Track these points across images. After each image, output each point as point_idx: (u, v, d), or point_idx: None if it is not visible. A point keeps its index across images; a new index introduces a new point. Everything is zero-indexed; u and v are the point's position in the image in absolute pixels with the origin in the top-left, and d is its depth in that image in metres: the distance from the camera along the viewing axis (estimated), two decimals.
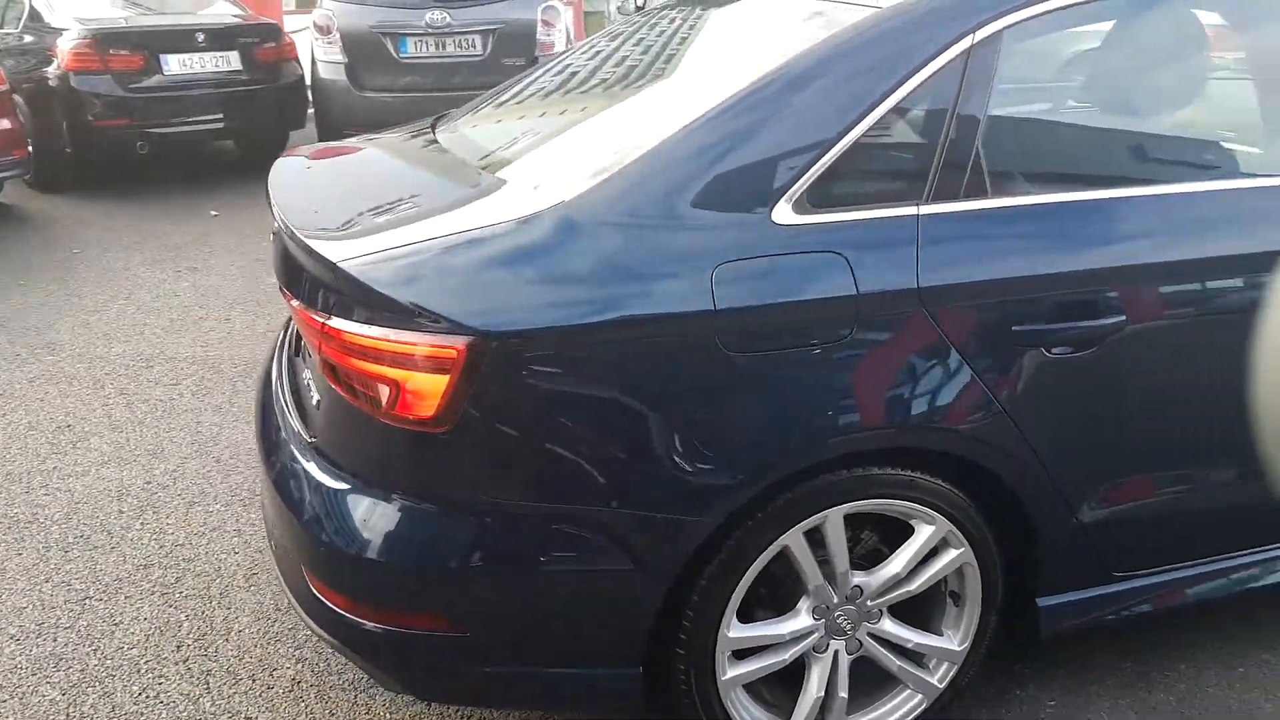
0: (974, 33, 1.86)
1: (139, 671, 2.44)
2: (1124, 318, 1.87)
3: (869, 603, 1.95)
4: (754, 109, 1.82)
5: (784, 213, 1.76)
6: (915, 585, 1.95)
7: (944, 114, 1.85)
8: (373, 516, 1.78)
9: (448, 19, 6.99)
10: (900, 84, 1.83)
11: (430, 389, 1.67)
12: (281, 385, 2.23)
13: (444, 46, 7.09)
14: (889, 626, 1.99)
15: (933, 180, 1.83)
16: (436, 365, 1.65)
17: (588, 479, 1.73)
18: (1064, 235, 1.87)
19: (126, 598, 2.72)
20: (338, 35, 7.05)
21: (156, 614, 2.65)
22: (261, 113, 7.57)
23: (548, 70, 2.74)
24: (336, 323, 1.75)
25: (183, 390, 4.02)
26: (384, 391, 1.70)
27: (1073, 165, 2.01)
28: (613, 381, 1.70)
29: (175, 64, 7.08)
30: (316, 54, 7.18)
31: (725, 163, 1.79)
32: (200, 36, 7.10)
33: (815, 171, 1.78)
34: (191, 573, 2.82)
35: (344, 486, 1.82)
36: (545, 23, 7.14)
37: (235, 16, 7.64)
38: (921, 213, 1.81)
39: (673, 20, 2.57)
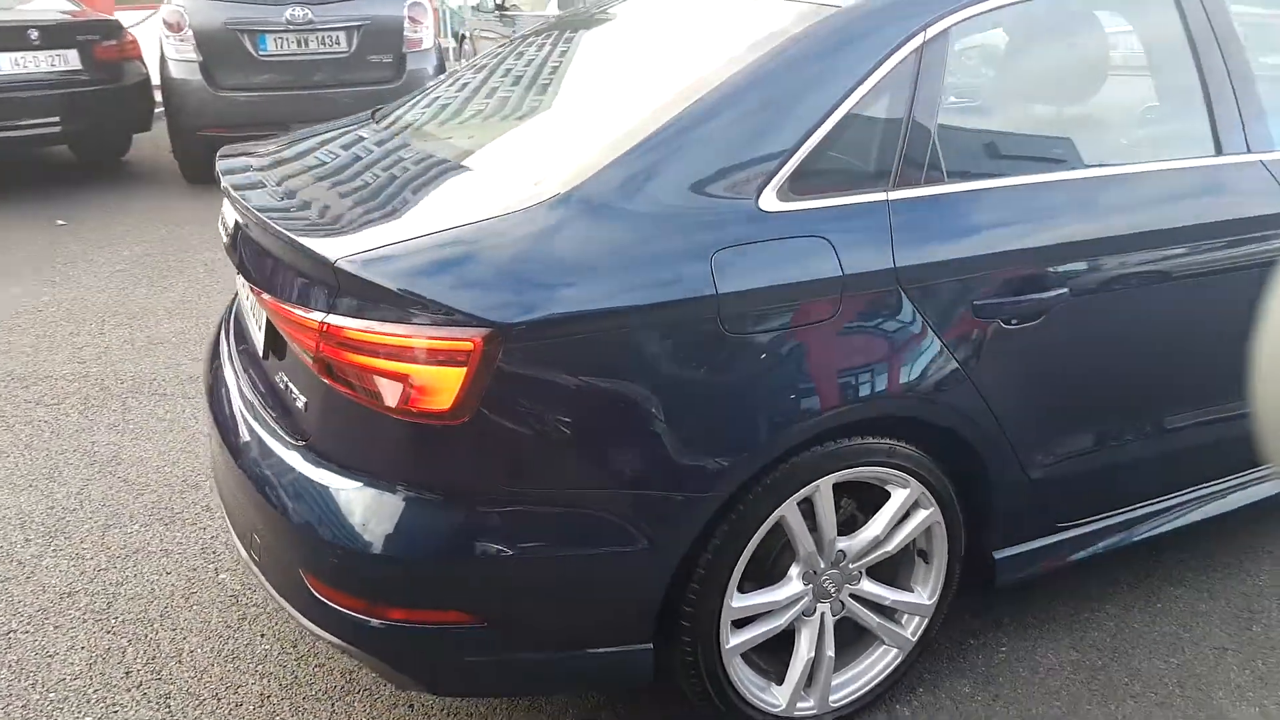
0: (924, 30, 2.01)
1: (89, 701, 2.30)
2: (1065, 290, 2.05)
3: (850, 566, 2.07)
4: (734, 102, 1.90)
5: (770, 200, 1.85)
6: (892, 546, 2.08)
7: (903, 106, 1.98)
8: (384, 513, 1.76)
9: (309, 15, 6.77)
10: (864, 79, 1.94)
11: (446, 382, 1.67)
12: (242, 392, 2.16)
13: (306, 44, 6.86)
14: (868, 586, 2.11)
15: (897, 168, 1.96)
16: (452, 358, 1.66)
17: (603, 463, 1.77)
18: (1010, 216, 2.04)
19: (55, 628, 2.56)
20: (190, 32, 6.72)
21: (94, 641, 2.51)
22: (103, 115, 7.14)
23: (493, 62, 2.74)
24: (337, 320, 1.72)
25: (67, 409, 3.78)
26: (395, 387, 1.69)
27: (1013, 152, 2.19)
28: (624, 367, 1.74)
29: (6, 63, 6.58)
30: (167, 52, 6.82)
31: (713, 153, 1.86)
32: (34, 34, 6.63)
33: (795, 161, 1.88)
34: (122, 596, 2.68)
35: (349, 485, 1.79)
36: (412, 19, 7.02)
37: (65, 12, 7.16)
38: (890, 198, 1.94)
39: (610, 13, 2.63)
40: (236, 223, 2.13)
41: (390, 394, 1.69)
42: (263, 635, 2.52)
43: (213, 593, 2.69)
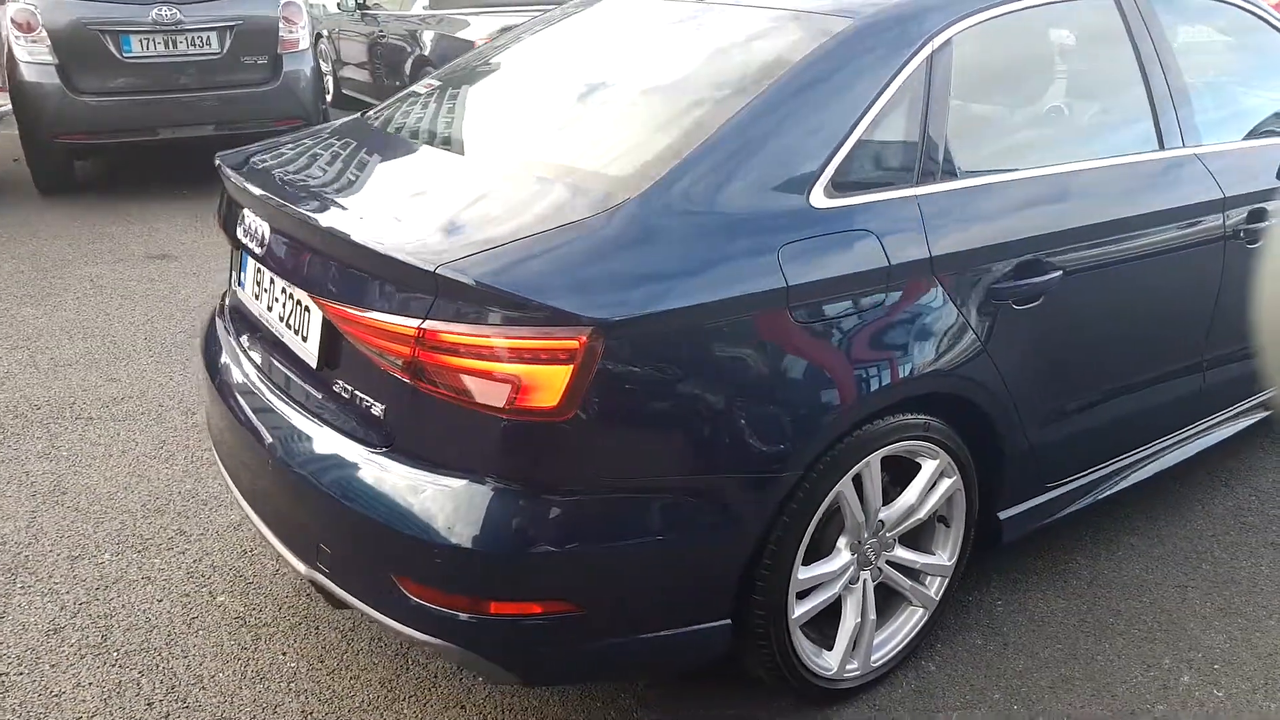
0: (933, 39, 2.19)
1: None
2: (1059, 273, 2.28)
3: (887, 534, 2.23)
4: (777, 109, 2.02)
5: (819, 198, 1.99)
6: (924, 513, 2.25)
7: (920, 108, 2.15)
8: (487, 510, 1.78)
9: (178, 15, 6.45)
10: (887, 85, 2.11)
11: (552, 380, 1.71)
12: (285, 408, 2.11)
13: (175, 45, 6.53)
14: (901, 553, 2.28)
15: (919, 165, 2.13)
16: (558, 357, 1.70)
17: (693, 451, 1.86)
18: (1013, 207, 2.25)
19: (52, 666, 2.42)
20: (44, 32, 6.28)
21: (101, 676, 2.39)
22: None
23: (493, 61, 2.77)
24: (435, 326, 1.74)
25: None
26: (502, 387, 1.72)
27: (1008, 148, 2.40)
28: (708, 358, 1.83)
29: None
30: (18, 54, 6.34)
31: (766, 156, 1.97)
32: None
33: (836, 161, 2.02)
34: (117, 628, 2.55)
35: (450, 485, 1.80)
36: (287, 20, 6.80)
37: None
38: (917, 194, 2.11)
39: (610, 13, 2.71)
40: (275, 232, 2.09)
41: (497, 394, 1.72)
42: (284, 653, 2.46)
43: (214, 616, 2.60)
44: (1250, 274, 2.77)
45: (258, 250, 2.16)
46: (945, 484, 2.26)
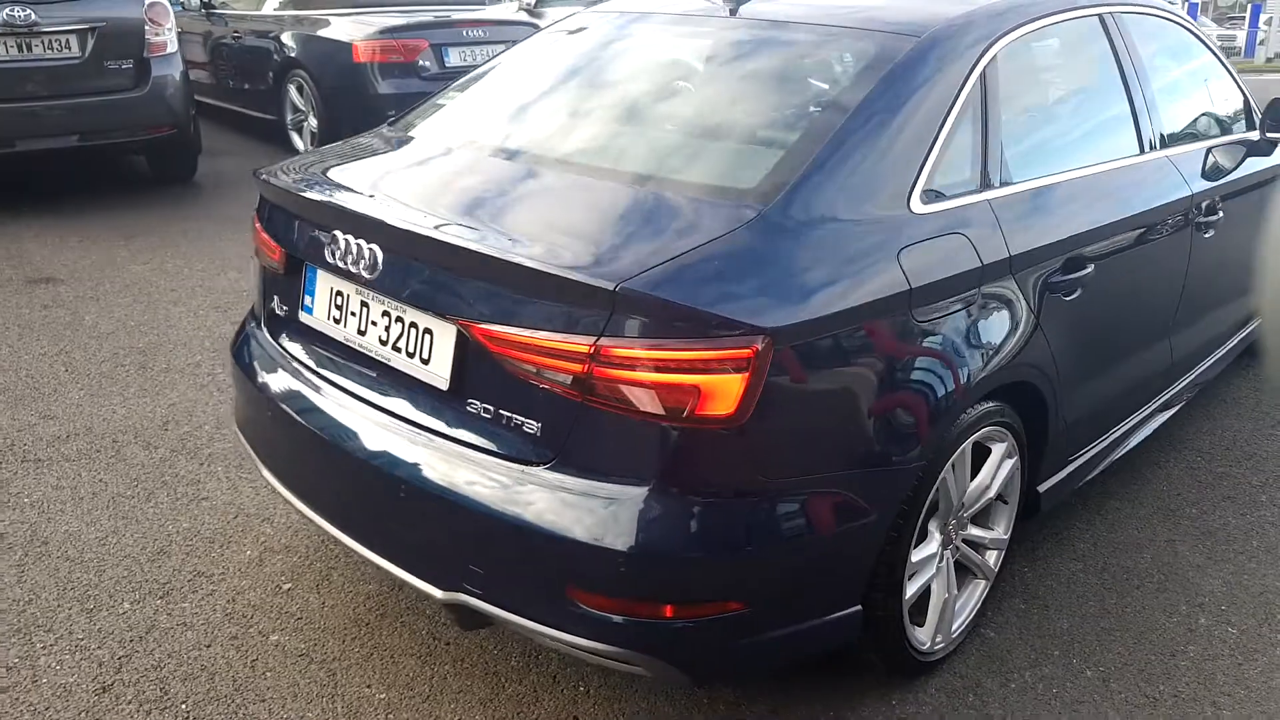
0: (985, 53, 2.38)
1: None
2: (1092, 268, 2.53)
3: (964, 514, 2.41)
4: (871, 121, 2.15)
5: (917, 204, 2.13)
6: (993, 493, 2.44)
7: (980, 118, 2.34)
8: (666, 517, 1.82)
9: (32, 16, 5.92)
10: (955, 98, 2.28)
11: (729, 388, 1.78)
12: (409, 433, 2.06)
13: (30, 49, 5.99)
14: (973, 531, 2.46)
15: (985, 171, 2.32)
16: (734, 366, 1.77)
17: (846, 447, 1.96)
18: (1059, 208, 2.48)
19: None
20: None
21: None
22: None
23: (542, 65, 2.81)
24: (611, 342, 1.77)
25: None
26: (680, 398, 1.76)
27: (1046, 153, 2.62)
28: (856, 358, 1.95)
29: None
30: None
31: (872, 166, 2.10)
32: None
33: (926, 170, 2.17)
34: (173, 679, 2.40)
35: (626, 495, 1.83)
36: (153, 21, 6.37)
37: None
38: (989, 199, 2.29)
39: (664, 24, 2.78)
40: (390, 253, 2.04)
41: (675, 405, 1.77)
42: (369, 686, 2.39)
43: (275, 656, 2.49)
44: (1206, 257, 3.14)
45: (360, 273, 2.09)
46: (1009, 464, 2.46)
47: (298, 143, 7.91)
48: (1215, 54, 3.47)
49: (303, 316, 2.35)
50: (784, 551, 1.93)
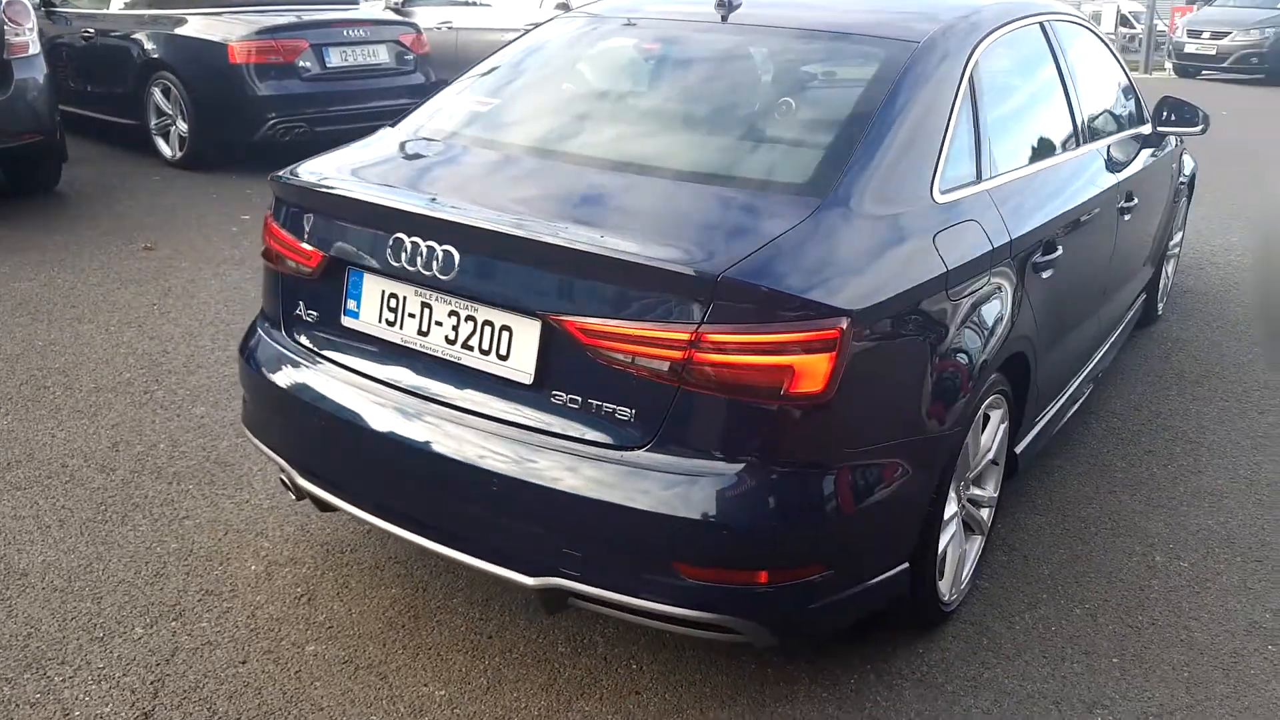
0: (972, 53, 2.62)
1: None
2: (1063, 248, 2.82)
3: (969, 475, 2.64)
4: (895, 118, 2.34)
5: (939, 194, 2.34)
6: (991, 455, 2.69)
7: (973, 113, 2.57)
8: (767, 490, 1.95)
9: None
10: (955, 96, 2.50)
11: (818, 367, 1.92)
12: (495, 428, 2.11)
13: None
14: (975, 490, 2.70)
15: (977, 165, 2.56)
16: (823, 346, 1.92)
17: (909, 417, 2.15)
18: (1038, 195, 2.75)
19: None
20: None
21: None
22: None
23: (553, 64, 2.88)
24: (710, 329, 1.88)
25: None
26: (777, 378, 1.90)
27: (1022, 145, 2.89)
28: (911, 336, 2.14)
29: None
30: None
31: (901, 159, 2.30)
32: None
33: (941, 162, 2.38)
34: (218, 697, 2.35)
35: (728, 472, 1.94)
36: (12, 20, 5.94)
37: None
38: (987, 188, 2.53)
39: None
40: (467, 253, 2.08)
41: (771, 385, 1.90)
42: (425, 684, 2.41)
43: (319, 665, 2.46)
44: (1124, 238, 3.51)
45: (433, 275, 2.11)
46: (1001, 429, 2.72)
47: (164, 149, 7.53)
48: (1116, 57, 3.88)
49: (346, 321, 2.34)
50: (860, 516, 2.09)
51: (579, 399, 2.03)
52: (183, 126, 7.30)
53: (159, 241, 5.80)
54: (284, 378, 2.45)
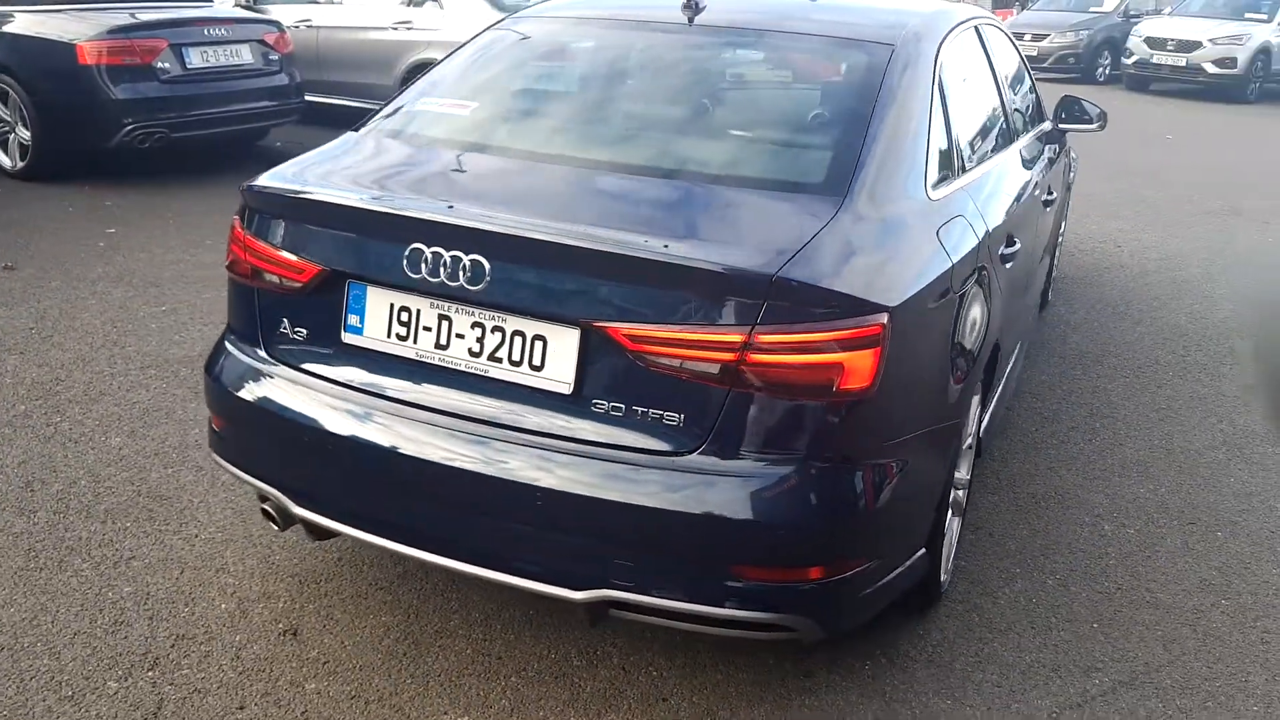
0: (939, 56, 2.71)
1: None
2: (1019, 244, 2.97)
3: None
4: (887, 120, 2.39)
5: (931, 190, 2.42)
6: (971, 438, 2.80)
7: (943, 116, 2.67)
8: (821, 487, 1.97)
9: None
10: (930, 96, 2.59)
11: (864, 363, 1.95)
12: (500, 453, 2.04)
13: None
14: (958, 473, 2.81)
15: (952, 162, 2.66)
16: (869, 342, 1.95)
17: (932, 404, 2.22)
18: (993, 192, 2.88)
19: None
20: None
21: None
22: None
23: (534, 67, 2.82)
24: (764, 329, 1.88)
25: None
26: (826, 376, 1.92)
27: (980, 144, 3.01)
28: (930, 326, 2.20)
29: None
30: None
31: (900, 159, 2.36)
32: None
33: (930, 161, 2.46)
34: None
35: (781, 471, 1.95)
36: None
37: None
38: (963, 184, 2.63)
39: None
40: (500, 262, 2.00)
41: (823, 383, 1.92)
42: (445, 712, 2.30)
43: (327, 705, 2.32)
44: (1042, 227, 3.72)
45: (461, 285, 2.02)
46: (976, 413, 2.84)
47: (2, 159, 6.89)
48: (1022, 58, 4.10)
49: (347, 338, 2.21)
50: (897, 505, 2.14)
51: (622, 406, 1.99)
52: (24, 134, 6.71)
53: (17, 260, 5.31)
54: (270, 399, 2.29)
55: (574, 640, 2.55)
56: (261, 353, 2.35)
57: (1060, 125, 4.20)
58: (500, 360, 2.07)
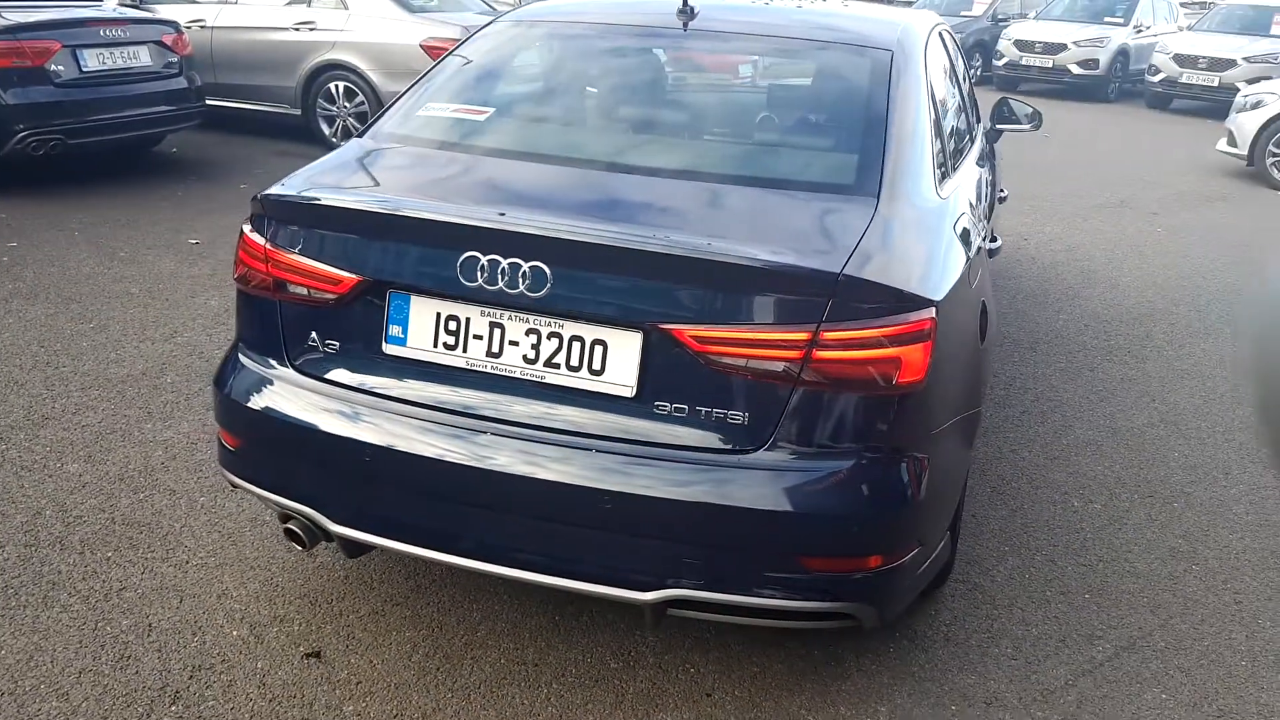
0: (924, 63, 2.83)
1: None
2: (999, 241, 3.11)
3: None
4: (903, 121, 2.48)
5: (939, 189, 2.53)
6: None
7: (936, 118, 2.78)
8: (882, 479, 2.04)
9: None
10: (922, 100, 2.70)
11: (918, 356, 2.03)
12: (562, 458, 2.04)
13: None
14: None
15: (945, 161, 2.77)
16: (922, 335, 2.03)
17: (964, 392, 2.31)
18: (974, 190, 3.01)
19: None
20: None
21: None
22: None
23: (535, 70, 2.77)
24: (830, 327, 1.94)
25: None
26: (887, 370, 1.98)
27: (955, 143, 3.13)
28: (959, 318, 2.29)
29: None
30: None
31: (914, 161, 2.45)
32: None
33: (935, 162, 2.57)
34: None
35: (845, 465, 2.01)
36: None
37: None
38: (957, 184, 2.75)
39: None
40: (560, 266, 1.99)
41: (884, 377, 1.99)
42: None
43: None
44: (994, 224, 3.85)
45: (521, 292, 2.00)
46: None
47: None
48: (965, 62, 4.29)
49: (388, 348, 2.16)
50: (940, 490, 2.23)
51: (685, 407, 2.02)
52: None
53: None
54: (300, 415, 2.22)
55: (606, 643, 2.56)
56: (285, 367, 2.27)
57: (997, 126, 4.41)
58: (558, 366, 2.06)
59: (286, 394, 2.26)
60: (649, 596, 2.05)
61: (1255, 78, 12.97)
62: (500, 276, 2.02)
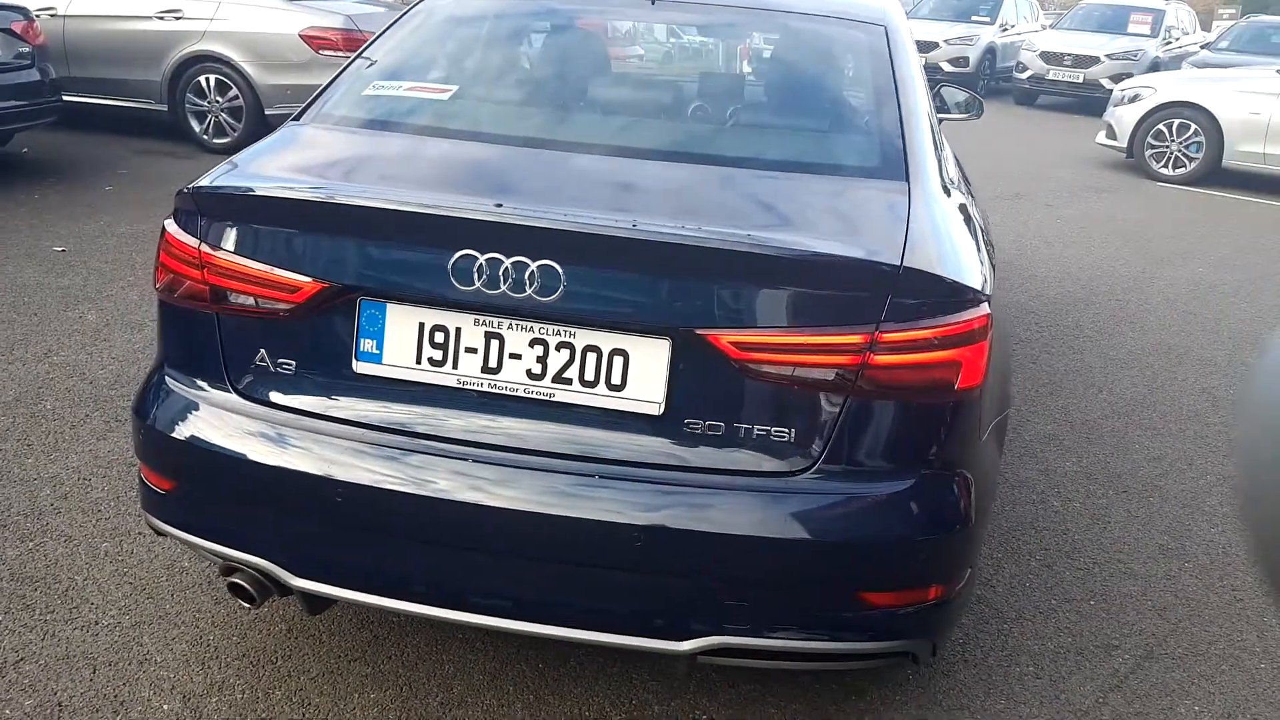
0: (907, 37, 2.64)
1: None
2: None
3: None
4: (911, 100, 2.28)
5: (946, 171, 2.34)
6: None
7: (929, 101, 2.60)
8: (948, 498, 1.82)
9: None
10: (921, 83, 2.50)
11: (977, 357, 1.81)
12: (581, 490, 1.74)
13: None
14: None
15: (938, 142, 2.59)
16: (980, 334, 1.81)
17: (1001, 395, 2.11)
18: (966, 182, 2.84)
19: None
20: None
21: None
22: None
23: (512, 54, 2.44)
24: (889, 327, 1.70)
25: None
26: (949, 373, 1.76)
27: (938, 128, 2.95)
28: (996, 312, 2.09)
29: None
30: None
31: (927, 139, 2.24)
32: None
33: (937, 149, 2.37)
34: None
35: (912, 485, 1.78)
36: None
37: None
38: (952, 166, 2.57)
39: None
40: (584, 267, 1.69)
41: (946, 381, 1.76)
42: None
43: None
44: None
45: (518, 295, 1.68)
46: None
47: None
48: None
49: (360, 366, 1.81)
50: (988, 506, 2.02)
51: (721, 425, 1.75)
52: None
53: None
54: (249, 448, 1.85)
55: (602, 692, 2.27)
56: (226, 391, 1.90)
57: (939, 115, 4.29)
58: (569, 381, 1.76)
59: (229, 424, 1.88)
60: (687, 646, 1.77)
61: (1118, 74, 13.58)
62: (503, 279, 1.70)
